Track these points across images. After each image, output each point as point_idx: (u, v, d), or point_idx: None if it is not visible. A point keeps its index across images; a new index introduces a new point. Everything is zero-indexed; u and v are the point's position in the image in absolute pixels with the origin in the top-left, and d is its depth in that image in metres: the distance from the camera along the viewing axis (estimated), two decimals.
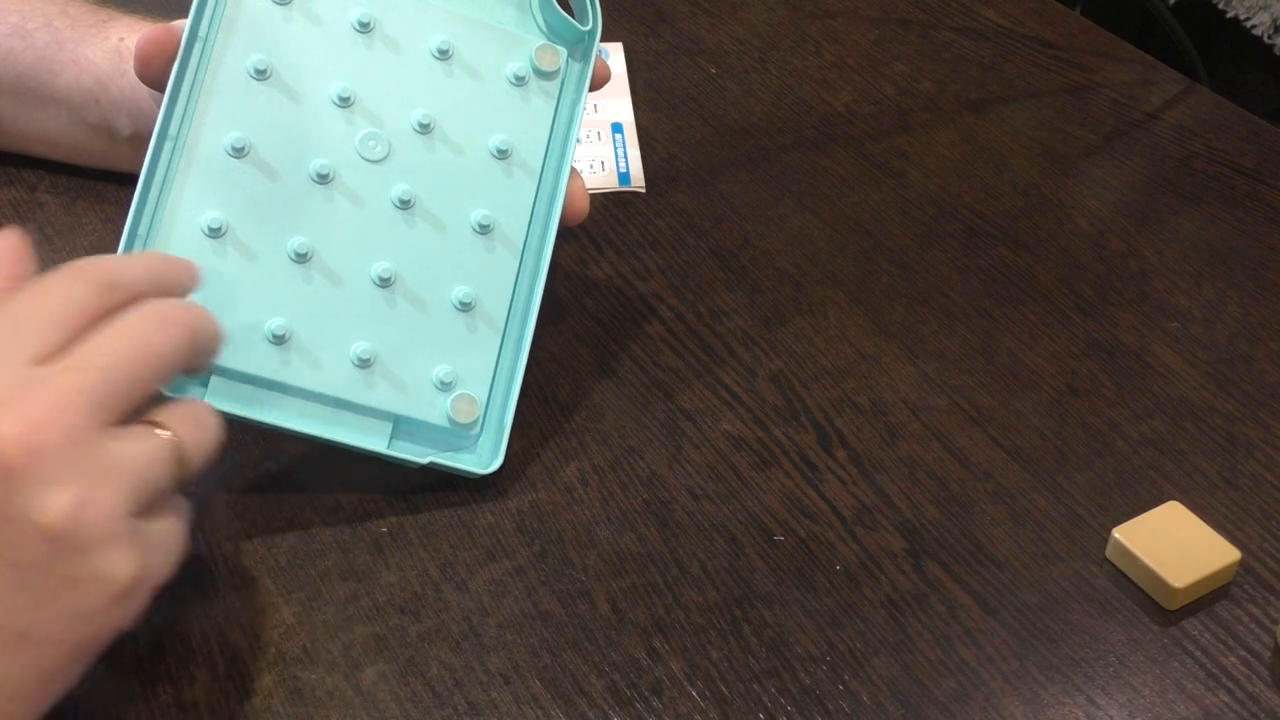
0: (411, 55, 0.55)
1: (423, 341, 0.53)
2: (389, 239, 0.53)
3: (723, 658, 0.49)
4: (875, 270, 0.66)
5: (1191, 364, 0.61)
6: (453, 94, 0.55)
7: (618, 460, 0.56)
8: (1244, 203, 0.71)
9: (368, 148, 0.54)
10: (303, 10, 0.54)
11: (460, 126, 0.55)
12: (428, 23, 0.55)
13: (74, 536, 0.39)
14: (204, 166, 0.52)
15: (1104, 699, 0.48)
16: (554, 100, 0.57)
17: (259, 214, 0.52)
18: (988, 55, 0.82)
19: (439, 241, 0.54)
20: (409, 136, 0.54)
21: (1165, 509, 0.53)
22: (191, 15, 0.52)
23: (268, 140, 0.52)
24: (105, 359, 0.42)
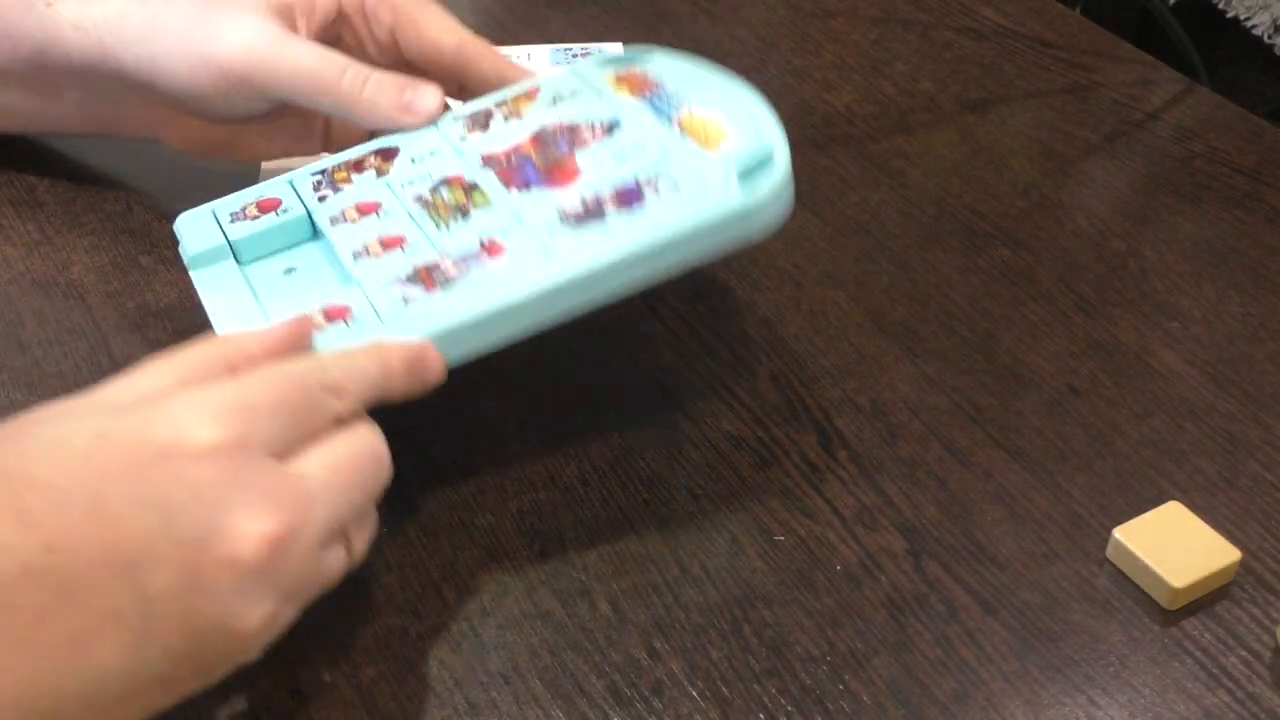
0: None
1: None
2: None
3: (723, 658, 0.49)
4: (875, 270, 0.66)
5: (1192, 364, 0.61)
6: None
7: (618, 460, 0.56)
8: (1244, 203, 0.71)
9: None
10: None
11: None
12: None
13: (252, 640, 0.42)
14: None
15: (1104, 699, 0.48)
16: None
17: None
18: (988, 55, 0.82)
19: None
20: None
21: (1166, 509, 0.53)
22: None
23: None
24: (343, 485, 0.45)
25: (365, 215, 0.56)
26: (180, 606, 0.40)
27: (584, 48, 0.81)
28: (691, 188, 0.52)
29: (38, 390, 0.58)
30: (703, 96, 0.57)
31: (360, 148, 0.60)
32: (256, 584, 0.42)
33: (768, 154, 0.54)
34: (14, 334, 0.61)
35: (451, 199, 0.55)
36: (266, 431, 0.43)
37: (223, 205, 0.59)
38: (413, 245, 0.54)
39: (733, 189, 0.52)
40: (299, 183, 0.59)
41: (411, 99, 0.59)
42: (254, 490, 0.42)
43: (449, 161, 0.58)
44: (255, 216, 0.58)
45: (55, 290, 0.63)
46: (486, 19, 0.84)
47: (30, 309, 0.62)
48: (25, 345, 0.60)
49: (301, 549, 0.43)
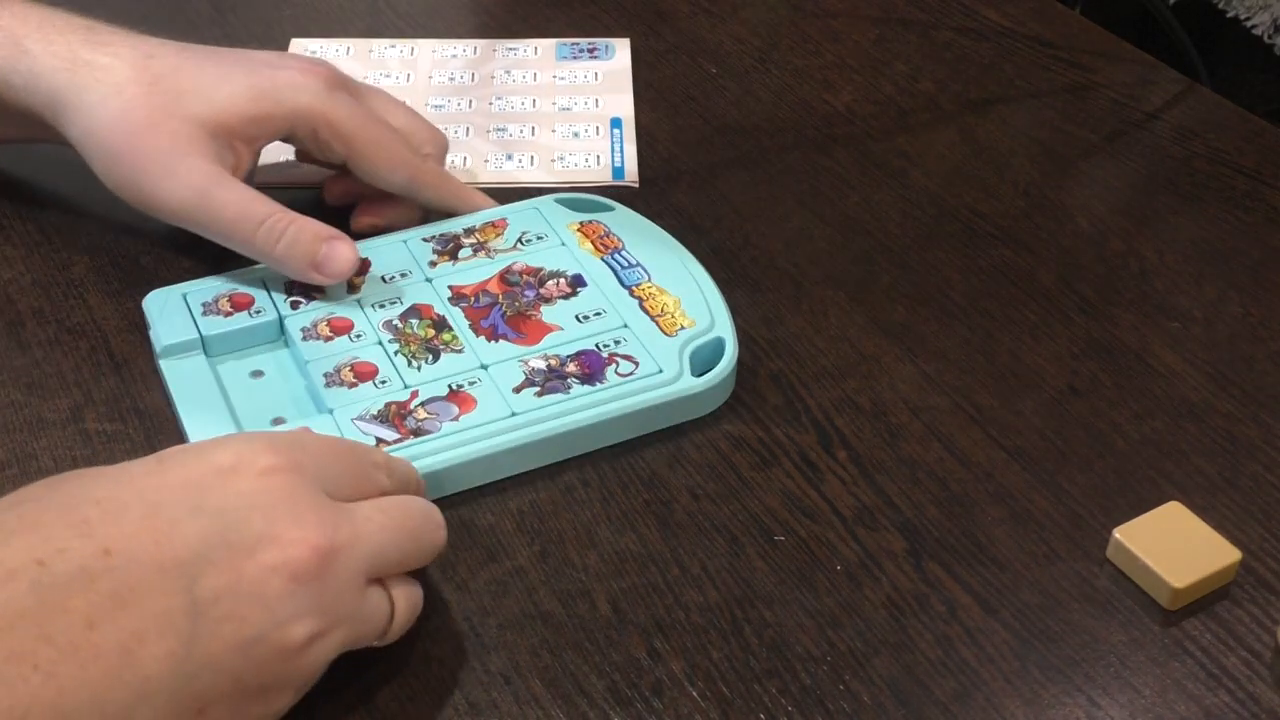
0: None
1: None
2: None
3: (723, 658, 0.49)
4: (876, 270, 0.66)
5: (1192, 364, 0.61)
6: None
7: (618, 460, 0.56)
8: (1244, 203, 0.71)
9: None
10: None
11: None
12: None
13: (295, 660, 0.43)
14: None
15: (1104, 699, 0.48)
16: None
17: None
18: (988, 55, 0.82)
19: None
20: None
21: (1166, 509, 0.53)
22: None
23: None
24: (391, 529, 0.46)
25: (339, 334, 0.59)
26: (228, 610, 0.41)
27: (590, 42, 0.81)
28: (649, 369, 0.57)
29: (38, 390, 0.58)
30: (661, 270, 0.62)
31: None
32: (303, 595, 0.42)
33: (720, 345, 0.59)
34: (14, 334, 0.61)
35: (421, 332, 0.58)
36: (319, 469, 0.45)
37: (194, 291, 0.60)
38: (385, 380, 0.56)
39: (687, 376, 0.57)
40: (271, 283, 0.61)
41: (325, 259, 0.59)
42: (305, 507, 0.43)
43: (418, 288, 0.61)
44: (229, 313, 0.59)
45: (55, 290, 0.63)
46: (486, 18, 0.84)
47: (30, 309, 0.62)
48: (25, 345, 0.60)
49: (347, 570, 0.44)
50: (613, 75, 0.79)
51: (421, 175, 0.64)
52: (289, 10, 0.83)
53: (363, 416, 0.55)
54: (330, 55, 0.79)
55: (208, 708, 0.41)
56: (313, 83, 0.61)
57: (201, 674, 0.40)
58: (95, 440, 0.56)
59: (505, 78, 0.78)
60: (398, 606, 0.46)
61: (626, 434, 0.56)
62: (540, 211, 0.65)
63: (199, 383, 0.57)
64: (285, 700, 0.43)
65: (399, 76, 0.78)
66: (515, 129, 0.74)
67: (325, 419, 0.55)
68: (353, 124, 0.61)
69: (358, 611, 0.44)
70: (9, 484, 0.54)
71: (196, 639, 0.40)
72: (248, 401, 0.57)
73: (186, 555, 0.41)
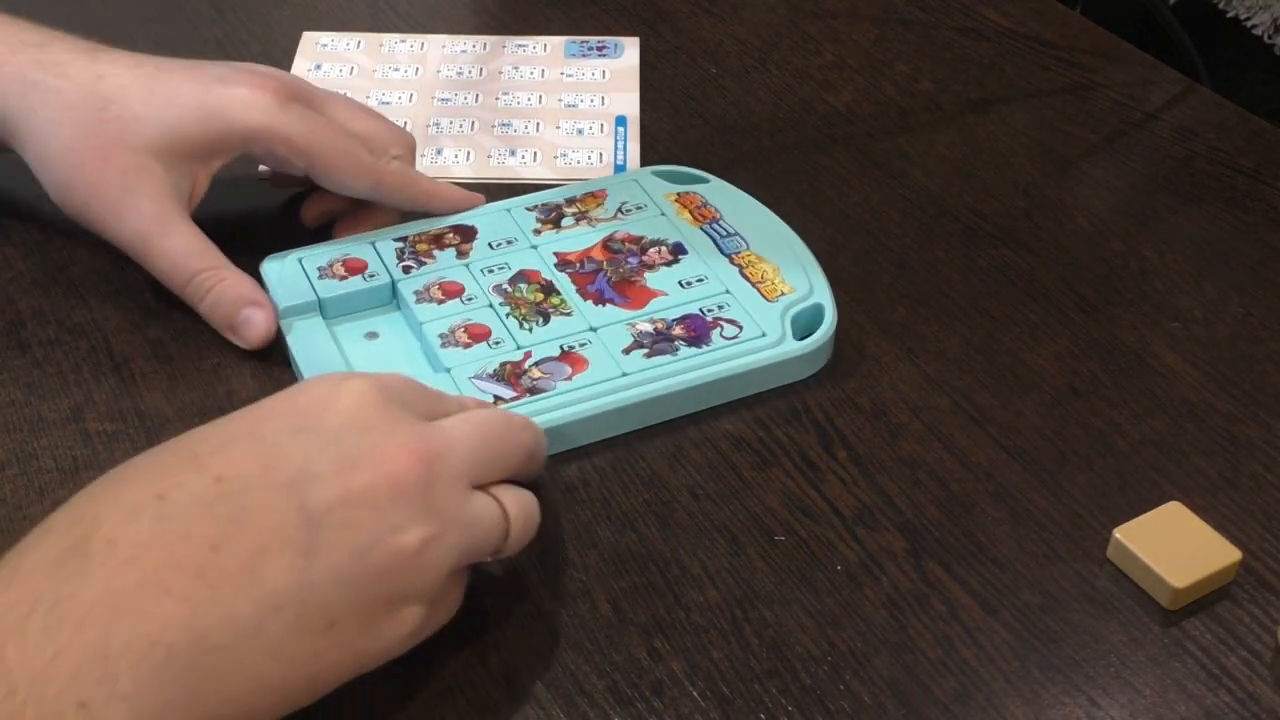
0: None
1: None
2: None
3: (723, 658, 0.49)
4: (876, 270, 0.66)
5: (1192, 364, 0.61)
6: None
7: (618, 460, 0.56)
8: (1244, 203, 0.71)
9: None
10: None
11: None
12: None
13: (413, 565, 0.44)
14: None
15: (1105, 699, 0.48)
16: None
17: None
18: (988, 55, 0.82)
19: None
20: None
21: (1166, 509, 0.53)
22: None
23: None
24: (479, 433, 0.48)
25: (450, 298, 0.60)
26: (341, 519, 0.42)
27: (599, 40, 0.81)
28: (752, 332, 0.59)
29: (38, 390, 0.58)
30: (759, 239, 0.64)
31: (440, 220, 0.65)
32: (410, 499, 0.44)
33: (819, 311, 0.60)
34: (14, 334, 0.61)
35: (531, 296, 0.60)
36: (400, 395, 0.47)
37: (309, 256, 0.62)
38: (498, 341, 0.58)
39: (789, 340, 0.59)
40: (381, 248, 0.63)
41: (242, 323, 0.59)
42: (398, 422, 0.45)
43: (524, 254, 0.63)
44: (343, 276, 0.61)
45: (55, 290, 0.63)
46: (487, 18, 0.84)
47: (30, 309, 0.62)
48: (25, 345, 0.60)
49: (448, 474, 0.45)
50: (620, 74, 0.79)
51: (386, 179, 0.63)
52: (289, 10, 0.83)
53: (479, 375, 0.56)
54: (341, 49, 0.80)
55: (337, 622, 0.42)
56: (264, 99, 0.60)
57: (325, 585, 0.42)
58: (95, 440, 0.56)
59: (513, 73, 0.78)
60: (510, 512, 0.47)
61: (732, 395, 0.58)
62: (639, 183, 0.67)
63: (319, 343, 0.59)
64: (414, 616, 0.44)
65: (408, 71, 0.78)
66: (520, 125, 0.74)
67: (443, 377, 0.56)
68: (309, 137, 0.61)
69: (466, 514, 0.46)
70: (9, 484, 0.54)
71: (315, 550, 0.42)
72: (366, 361, 0.58)
73: (294, 473, 0.43)
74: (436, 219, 0.65)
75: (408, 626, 0.44)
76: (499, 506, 0.47)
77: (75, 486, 0.54)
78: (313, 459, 0.43)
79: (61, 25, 0.81)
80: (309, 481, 0.43)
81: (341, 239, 0.63)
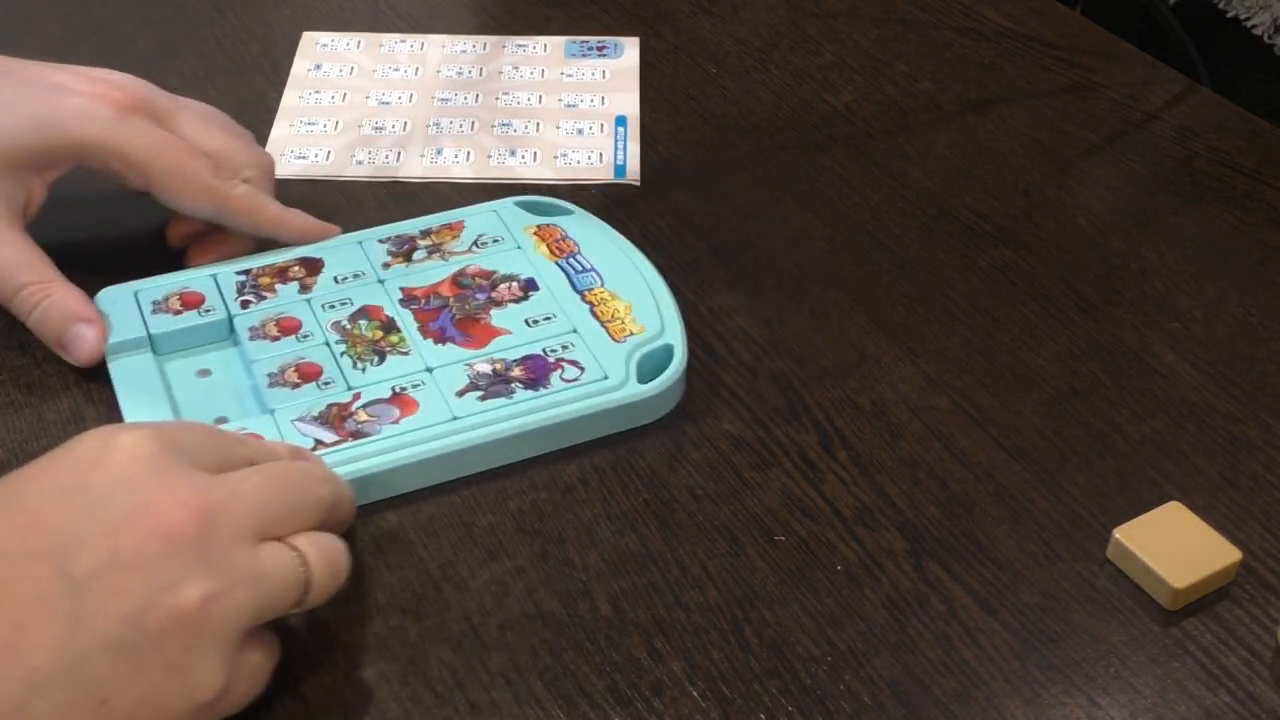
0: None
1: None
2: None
3: (723, 658, 0.49)
4: (876, 270, 0.66)
5: (1192, 364, 0.61)
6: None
7: (618, 460, 0.56)
8: (1244, 203, 0.71)
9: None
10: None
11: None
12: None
13: (195, 627, 0.41)
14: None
15: (1105, 699, 0.48)
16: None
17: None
18: (988, 55, 0.82)
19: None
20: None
21: (1166, 509, 0.53)
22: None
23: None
24: (269, 486, 0.45)
25: (286, 335, 0.59)
26: (109, 584, 0.40)
27: (600, 40, 0.81)
28: (594, 374, 0.57)
29: (37, 390, 0.58)
30: (615, 275, 0.62)
31: (287, 251, 0.63)
32: (185, 557, 0.41)
33: (669, 352, 0.58)
34: (14, 334, 0.61)
35: (369, 334, 0.58)
36: (183, 445, 0.44)
37: (145, 289, 0.61)
38: (328, 381, 0.56)
39: (632, 383, 0.57)
40: (223, 280, 0.61)
41: (71, 339, 0.58)
42: (176, 477, 0.43)
43: (370, 289, 0.61)
44: (178, 311, 0.60)
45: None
46: (487, 18, 0.84)
47: None
48: (25, 345, 0.60)
49: (230, 527, 0.42)
50: (620, 74, 0.79)
51: (230, 203, 0.61)
52: (289, 9, 0.83)
53: (303, 418, 0.55)
54: (341, 49, 0.80)
55: (111, 697, 0.39)
56: (102, 110, 0.58)
57: (94, 656, 0.39)
58: None
59: (513, 74, 0.78)
60: (311, 561, 0.45)
61: (570, 440, 0.56)
62: (499, 214, 0.66)
63: (144, 381, 0.57)
64: (206, 687, 0.41)
65: (407, 71, 0.78)
66: (520, 125, 0.74)
67: (266, 419, 0.55)
68: (146, 153, 0.59)
69: (254, 570, 0.43)
70: None
71: (81, 619, 0.39)
72: (192, 401, 0.57)
73: (57, 539, 0.40)
74: (286, 249, 0.63)
75: (198, 698, 0.41)
76: (296, 556, 0.44)
77: None
78: (78, 523, 0.40)
79: (61, 25, 0.82)
80: (73, 547, 0.40)
81: (184, 270, 0.62)
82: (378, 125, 0.74)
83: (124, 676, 0.40)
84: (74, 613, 0.39)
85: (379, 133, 0.74)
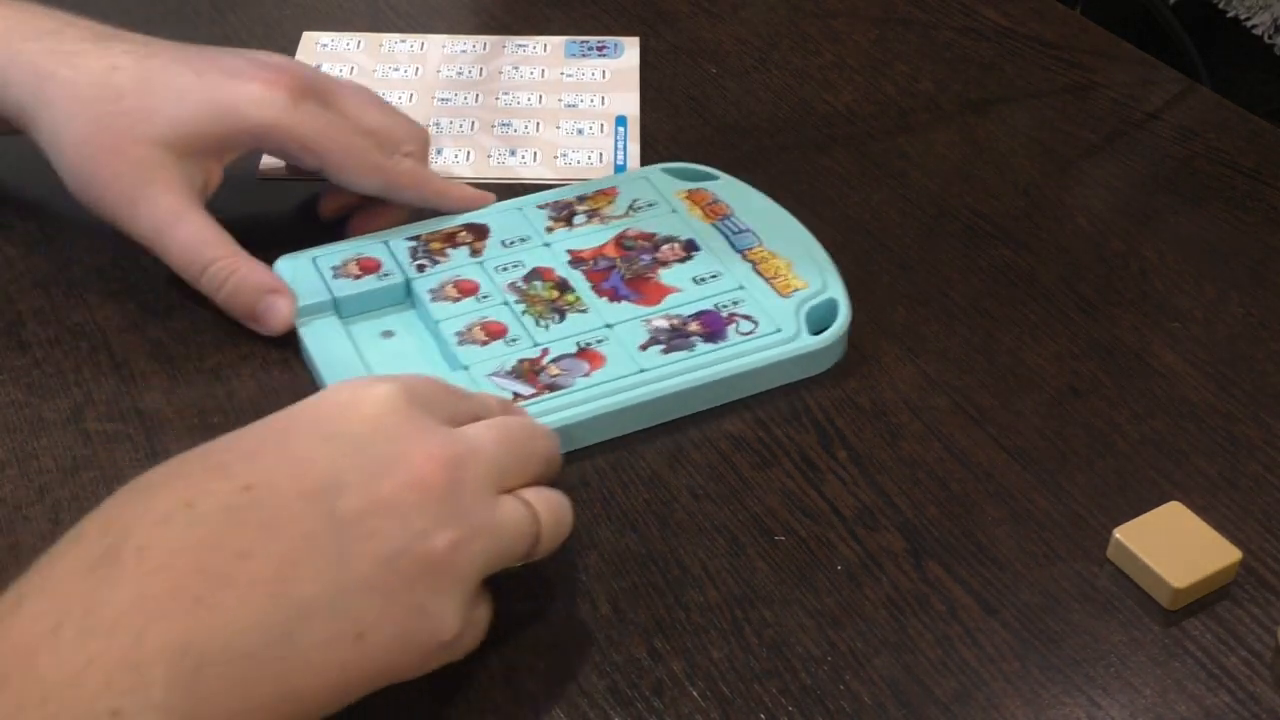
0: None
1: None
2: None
3: (724, 658, 0.49)
4: (876, 270, 0.66)
5: (1192, 364, 0.61)
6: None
7: (618, 460, 0.56)
8: (1244, 203, 0.71)
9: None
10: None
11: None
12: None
13: (442, 571, 0.43)
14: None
15: (1105, 699, 0.48)
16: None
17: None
18: (988, 55, 0.82)
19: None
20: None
21: (1166, 509, 0.53)
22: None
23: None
24: (502, 440, 0.47)
25: (465, 296, 0.60)
26: (370, 528, 0.42)
27: (600, 40, 0.81)
28: (767, 328, 0.59)
29: (38, 390, 0.58)
30: (771, 235, 0.64)
31: (451, 219, 0.65)
32: (436, 506, 0.44)
33: (833, 306, 0.60)
34: (14, 334, 0.61)
35: (545, 293, 0.60)
36: (427, 403, 0.47)
37: (323, 255, 0.62)
38: (515, 338, 0.58)
39: (805, 335, 0.59)
40: (395, 247, 0.63)
41: (265, 310, 0.59)
42: (425, 429, 0.46)
43: (538, 252, 0.63)
44: (358, 275, 0.61)
45: (55, 290, 0.63)
46: (487, 18, 0.84)
47: (30, 309, 0.62)
48: (25, 345, 0.60)
49: (474, 479, 0.45)
50: (620, 73, 0.79)
51: (397, 179, 0.63)
52: (289, 9, 0.83)
53: (497, 373, 0.56)
54: (341, 49, 0.80)
55: (366, 632, 0.42)
56: (277, 96, 0.60)
57: (354, 592, 0.42)
58: (95, 440, 0.56)
59: (513, 73, 0.78)
60: (540, 515, 0.47)
61: (747, 391, 0.58)
62: (649, 180, 0.67)
63: (335, 342, 0.59)
64: (447, 627, 0.44)
65: (408, 71, 0.78)
66: (520, 125, 0.74)
67: (461, 375, 0.56)
68: (319, 136, 0.61)
69: (493, 519, 0.45)
70: (9, 484, 0.54)
71: (344, 558, 0.42)
72: (382, 361, 0.58)
73: (324, 481, 0.43)
74: (449, 217, 0.65)
75: (439, 637, 0.44)
76: (528, 509, 0.47)
77: (75, 486, 0.54)
78: (340, 467, 0.43)
79: None
80: (338, 490, 0.43)
81: (355, 238, 0.64)
82: None
83: (379, 613, 0.42)
84: (339, 551, 0.42)
85: None
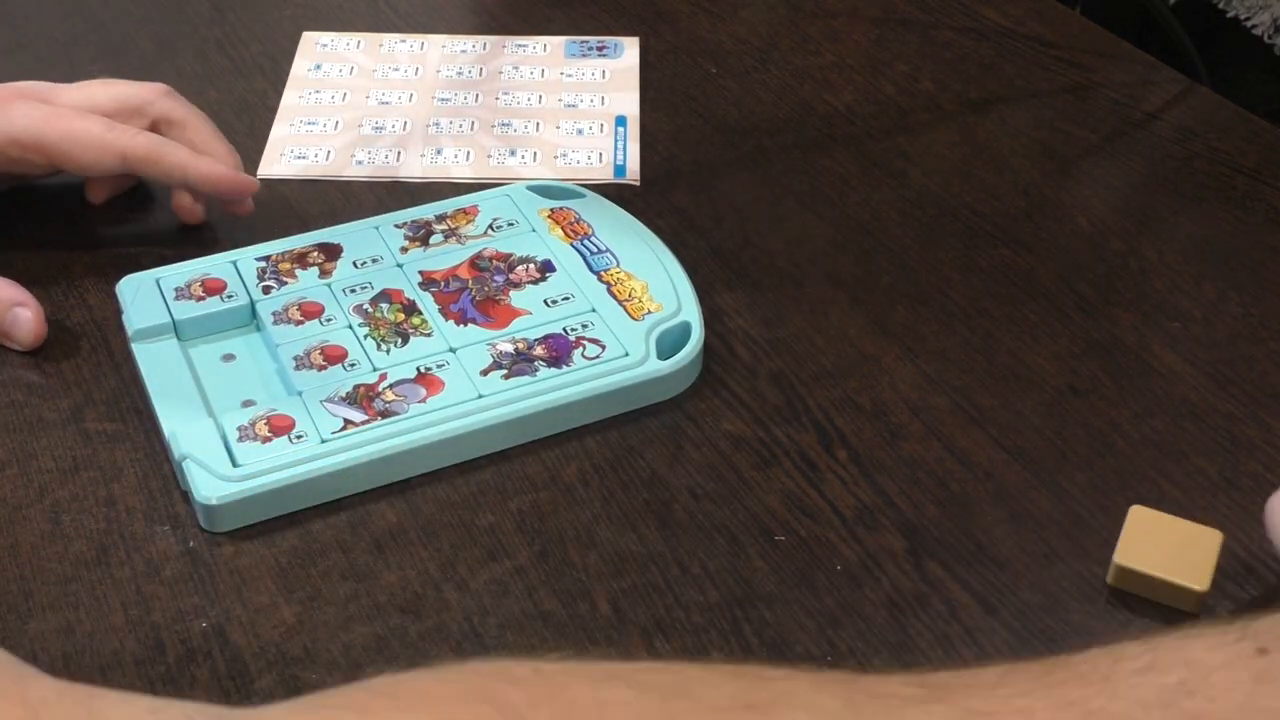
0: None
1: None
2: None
3: (723, 658, 0.49)
4: (876, 270, 0.66)
5: (1192, 364, 0.61)
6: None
7: (618, 460, 0.56)
8: (1244, 203, 0.71)
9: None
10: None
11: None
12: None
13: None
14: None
15: None
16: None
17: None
18: (988, 55, 0.82)
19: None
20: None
21: (1134, 517, 0.52)
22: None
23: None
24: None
25: (309, 319, 0.60)
26: None
27: (600, 40, 0.81)
28: (615, 352, 0.58)
29: (38, 390, 0.58)
30: (629, 256, 0.63)
31: (305, 237, 0.64)
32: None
33: (686, 329, 0.59)
34: None
35: (391, 316, 0.59)
36: None
37: (168, 276, 0.61)
38: (353, 363, 0.57)
39: (653, 359, 0.58)
40: (243, 266, 0.62)
41: (9, 325, 0.59)
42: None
43: (389, 273, 0.62)
44: (201, 297, 0.60)
45: (55, 290, 0.63)
46: (487, 18, 0.84)
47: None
48: None
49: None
50: (620, 73, 0.79)
51: (134, 151, 0.61)
52: (289, 9, 0.83)
53: (331, 398, 0.55)
54: (341, 49, 0.80)
55: None
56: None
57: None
58: (95, 440, 0.56)
59: (513, 73, 0.78)
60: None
61: (593, 416, 0.57)
62: (512, 198, 0.66)
63: (170, 366, 0.58)
64: None
65: (408, 71, 0.78)
66: (520, 125, 0.74)
67: (295, 401, 0.55)
68: (36, 129, 0.59)
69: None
70: (9, 484, 0.54)
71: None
72: (218, 385, 0.57)
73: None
74: (302, 235, 0.64)
75: None
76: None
77: (75, 486, 0.54)
78: None
79: (62, 26, 0.82)
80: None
81: (204, 258, 0.62)
82: (377, 125, 0.74)
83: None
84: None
85: (379, 132, 0.74)
